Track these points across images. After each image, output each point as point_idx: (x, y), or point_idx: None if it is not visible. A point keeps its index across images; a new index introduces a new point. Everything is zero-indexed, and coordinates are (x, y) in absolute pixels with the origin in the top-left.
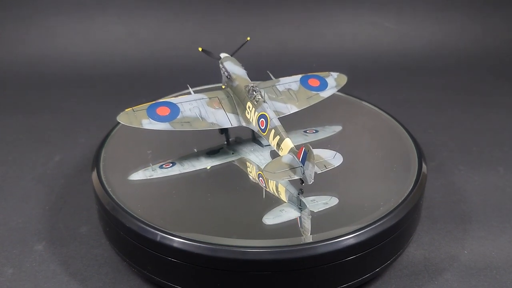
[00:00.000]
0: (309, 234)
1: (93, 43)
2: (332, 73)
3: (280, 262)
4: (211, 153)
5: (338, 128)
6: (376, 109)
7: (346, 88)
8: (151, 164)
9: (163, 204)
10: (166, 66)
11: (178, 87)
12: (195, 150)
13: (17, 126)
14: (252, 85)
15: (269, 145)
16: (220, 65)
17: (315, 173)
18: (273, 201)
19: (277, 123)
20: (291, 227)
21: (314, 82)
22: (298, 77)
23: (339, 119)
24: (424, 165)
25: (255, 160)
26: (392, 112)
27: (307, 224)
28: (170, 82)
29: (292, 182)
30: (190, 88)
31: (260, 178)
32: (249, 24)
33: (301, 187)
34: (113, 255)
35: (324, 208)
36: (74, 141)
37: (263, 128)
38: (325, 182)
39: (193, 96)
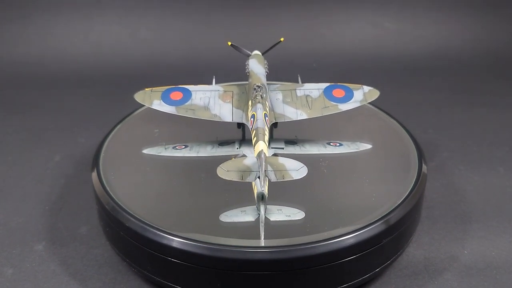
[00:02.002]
0: (261, 239)
1: (93, 43)
2: (364, 86)
3: (280, 262)
4: (222, 144)
5: (364, 146)
6: (376, 109)
7: None
8: (164, 143)
9: (163, 204)
10: (166, 66)
11: None
12: (217, 138)
13: (17, 126)
14: (258, 84)
15: (281, 148)
16: (247, 61)
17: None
18: (269, 202)
19: (260, 125)
20: (291, 227)
21: (338, 93)
22: (324, 85)
23: (339, 119)
24: (424, 165)
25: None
26: (392, 112)
27: (261, 230)
28: (170, 82)
29: (272, 186)
30: (214, 79)
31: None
32: (249, 24)
33: (262, 192)
34: (113, 255)
35: (283, 220)
36: (74, 141)
37: (251, 127)
38: (325, 182)
39: (211, 86)
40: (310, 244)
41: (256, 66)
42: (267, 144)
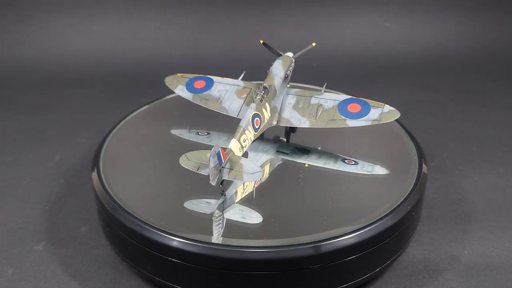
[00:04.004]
0: (213, 236)
1: (93, 43)
2: (386, 106)
3: (280, 262)
4: None
5: (378, 171)
6: None
7: (346, 87)
8: (189, 127)
9: (163, 204)
10: (166, 66)
11: None
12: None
13: (17, 126)
14: (265, 85)
15: (286, 153)
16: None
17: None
18: (267, 201)
19: (243, 124)
20: (290, 227)
21: (353, 107)
22: (344, 97)
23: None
24: (424, 165)
25: (257, 161)
26: None
27: (214, 225)
28: None
29: (261, 187)
30: (242, 74)
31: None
32: (249, 24)
33: (223, 189)
34: (113, 255)
35: (237, 220)
36: (74, 141)
37: None
38: (326, 181)
39: (233, 80)
40: (310, 244)
41: (277, 67)
42: (242, 144)
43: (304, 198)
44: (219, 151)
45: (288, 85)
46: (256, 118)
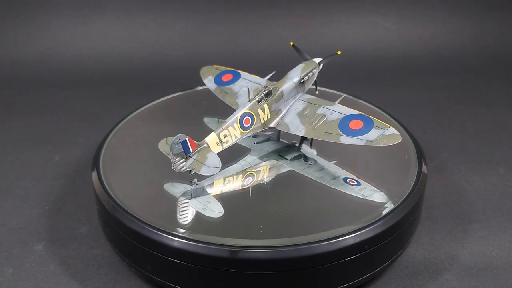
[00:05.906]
0: (177, 222)
1: (93, 43)
2: (391, 128)
3: (280, 262)
4: (255, 136)
5: (376, 197)
6: (376, 109)
7: (346, 87)
8: (218, 117)
9: (163, 204)
10: (166, 66)
11: (178, 87)
12: (266, 134)
13: (17, 126)
14: (271, 87)
15: (286, 159)
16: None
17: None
18: (265, 200)
19: (228, 121)
20: (290, 227)
21: (354, 124)
22: (352, 111)
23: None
24: (424, 165)
25: (252, 160)
26: (392, 112)
27: (178, 211)
28: (170, 82)
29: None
30: (270, 74)
31: (248, 177)
32: (249, 24)
33: (193, 177)
34: (113, 255)
35: (198, 210)
36: (74, 141)
37: None
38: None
39: (258, 79)
40: (310, 244)
41: (295, 71)
42: (223, 139)
43: (304, 198)
44: (185, 139)
45: (317, 91)
46: (247, 117)
